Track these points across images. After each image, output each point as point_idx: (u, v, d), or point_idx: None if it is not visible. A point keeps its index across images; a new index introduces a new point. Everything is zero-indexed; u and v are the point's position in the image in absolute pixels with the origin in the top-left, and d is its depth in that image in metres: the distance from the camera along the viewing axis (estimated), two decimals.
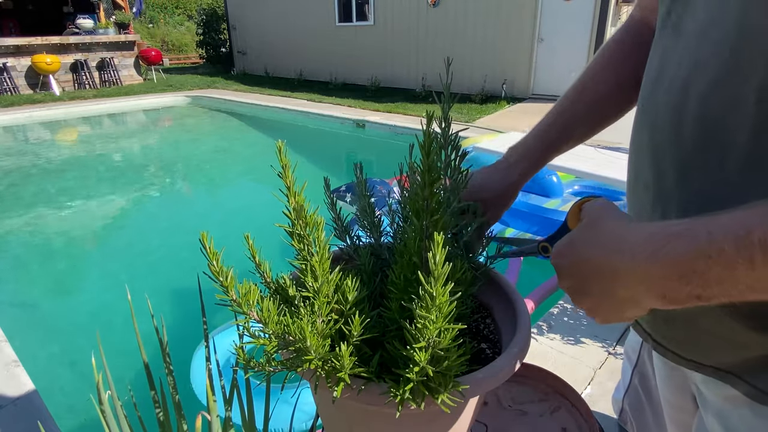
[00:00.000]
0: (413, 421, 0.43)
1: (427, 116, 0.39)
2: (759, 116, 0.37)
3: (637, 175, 0.54)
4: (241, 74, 14.36)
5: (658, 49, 0.51)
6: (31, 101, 9.63)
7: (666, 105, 0.47)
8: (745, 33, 0.38)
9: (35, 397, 1.69)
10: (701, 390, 0.54)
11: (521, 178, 0.67)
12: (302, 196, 0.41)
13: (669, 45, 0.49)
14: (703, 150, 0.42)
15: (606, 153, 4.12)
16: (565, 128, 0.68)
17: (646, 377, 0.76)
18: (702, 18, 0.43)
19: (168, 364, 0.86)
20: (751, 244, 0.30)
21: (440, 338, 0.36)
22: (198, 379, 1.95)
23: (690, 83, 0.43)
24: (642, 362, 0.77)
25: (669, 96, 0.46)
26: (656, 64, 0.51)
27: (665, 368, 0.64)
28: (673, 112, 0.45)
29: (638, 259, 0.36)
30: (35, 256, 3.80)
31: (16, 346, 2.00)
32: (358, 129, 7.79)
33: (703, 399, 0.54)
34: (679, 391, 0.62)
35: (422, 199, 0.39)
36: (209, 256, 0.38)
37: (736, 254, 0.30)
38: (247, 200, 5.20)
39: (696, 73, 0.43)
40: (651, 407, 0.77)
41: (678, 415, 0.65)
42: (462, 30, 9.44)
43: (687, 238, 0.34)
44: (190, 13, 23.59)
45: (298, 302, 0.42)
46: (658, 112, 0.48)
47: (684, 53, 0.45)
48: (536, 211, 3.34)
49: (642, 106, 0.53)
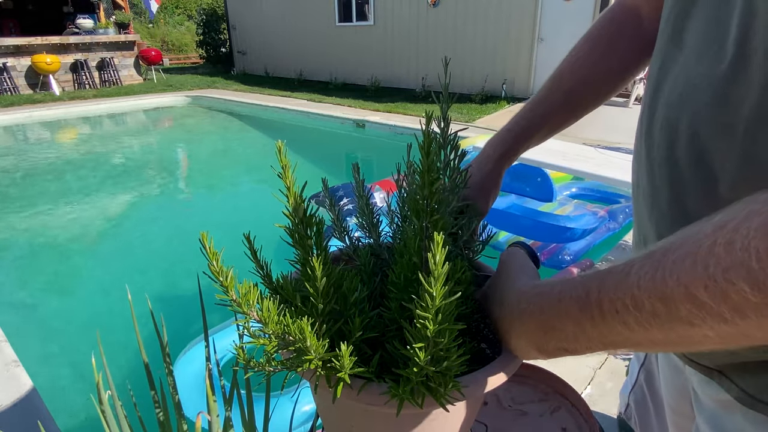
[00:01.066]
0: (413, 421, 0.43)
1: (427, 116, 0.39)
2: (745, 144, 0.37)
3: (638, 182, 0.54)
4: (241, 74, 14.36)
5: (659, 56, 0.50)
6: (31, 101, 9.63)
7: (663, 119, 0.46)
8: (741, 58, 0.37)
9: (35, 397, 1.69)
10: (697, 393, 0.54)
11: (497, 166, 0.66)
12: (302, 197, 0.41)
13: (669, 55, 0.48)
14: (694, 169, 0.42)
15: (606, 153, 4.11)
16: (542, 115, 0.67)
17: (652, 375, 0.76)
18: (701, 34, 0.43)
19: (168, 364, 0.86)
20: (589, 304, 0.33)
21: (440, 338, 0.36)
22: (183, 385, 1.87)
23: (685, 100, 0.43)
24: (649, 360, 0.77)
25: (666, 110, 0.46)
26: (656, 73, 0.50)
27: (668, 370, 0.63)
28: (669, 128, 0.45)
29: (513, 314, 0.41)
30: (35, 256, 3.80)
31: (16, 346, 2.00)
32: (358, 129, 7.79)
33: (698, 402, 0.54)
34: (679, 395, 0.62)
35: (422, 198, 0.39)
36: (209, 256, 0.38)
37: (580, 314, 0.33)
38: (247, 200, 5.20)
39: (691, 91, 0.42)
40: (655, 406, 0.77)
41: (679, 419, 0.65)
42: (462, 30, 9.44)
43: (546, 298, 0.37)
44: (190, 13, 23.60)
45: (298, 302, 0.42)
46: (655, 125, 0.48)
47: (682, 68, 0.45)
48: (529, 214, 3.32)
49: (644, 113, 0.52)
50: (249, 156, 7.10)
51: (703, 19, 0.43)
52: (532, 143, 0.69)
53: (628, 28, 0.65)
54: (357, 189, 0.58)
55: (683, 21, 0.45)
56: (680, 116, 0.43)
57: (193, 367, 1.99)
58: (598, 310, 0.32)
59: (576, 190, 4.10)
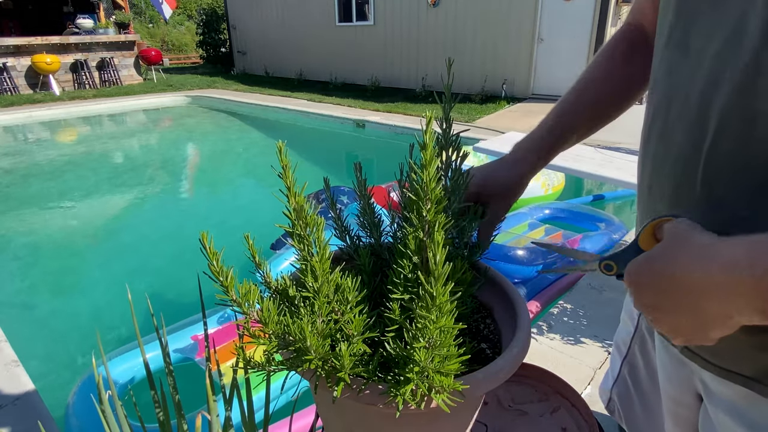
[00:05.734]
0: (413, 421, 0.43)
1: (428, 119, 0.39)
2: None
3: (650, 185, 0.55)
4: (241, 74, 14.36)
5: (664, 64, 0.53)
6: (31, 101, 9.63)
7: (683, 120, 0.48)
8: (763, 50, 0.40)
9: (35, 397, 1.69)
10: (709, 386, 0.54)
11: (530, 171, 0.69)
12: (302, 197, 0.41)
13: (676, 60, 0.51)
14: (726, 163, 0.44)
15: (606, 153, 4.11)
16: (569, 126, 0.71)
17: (636, 368, 0.79)
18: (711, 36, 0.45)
19: (168, 364, 0.86)
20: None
21: (440, 338, 0.36)
22: (81, 412, 1.71)
23: (707, 100, 0.45)
24: (632, 354, 0.79)
25: (686, 111, 0.48)
26: (664, 78, 0.53)
27: (671, 364, 0.65)
28: (693, 127, 0.47)
29: (739, 268, 0.35)
30: (35, 256, 3.80)
31: (16, 346, 2.00)
32: (358, 129, 7.79)
33: (710, 395, 0.55)
34: (682, 386, 0.63)
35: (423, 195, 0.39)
36: (209, 256, 0.38)
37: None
38: (247, 200, 5.20)
39: (712, 91, 0.44)
40: (639, 397, 0.80)
41: (678, 409, 0.66)
42: (462, 30, 9.44)
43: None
44: (190, 13, 23.60)
45: (298, 302, 0.42)
46: (674, 127, 0.50)
47: (695, 70, 0.47)
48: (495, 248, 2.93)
49: (656, 116, 0.54)
50: (249, 156, 7.10)
51: (709, 27, 0.46)
52: (557, 153, 0.72)
53: (639, 43, 0.70)
54: (358, 188, 0.58)
55: (688, 28, 0.49)
56: (704, 114, 0.45)
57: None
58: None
59: (549, 212, 3.71)
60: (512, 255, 2.68)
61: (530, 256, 2.76)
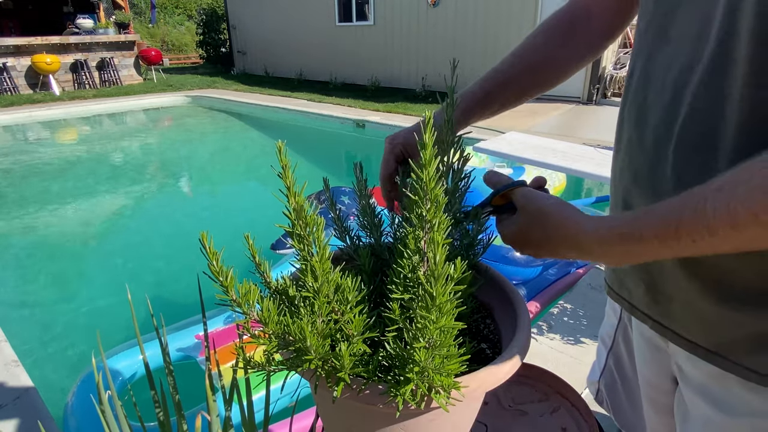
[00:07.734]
0: (413, 421, 0.43)
1: (428, 119, 0.39)
2: (743, 112, 0.42)
3: (622, 167, 0.58)
4: (241, 74, 14.36)
5: (642, 55, 0.56)
6: (31, 101, 9.62)
7: (658, 103, 0.51)
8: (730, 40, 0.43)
9: (35, 397, 1.69)
10: (683, 368, 0.57)
11: (460, 121, 0.69)
12: (302, 197, 0.41)
13: (654, 49, 0.53)
14: (695, 144, 0.46)
15: (606, 153, 4.11)
16: (494, 97, 0.71)
17: (620, 359, 0.81)
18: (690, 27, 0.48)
19: (168, 364, 0.86)
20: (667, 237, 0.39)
21: (440, 338, 0.36)
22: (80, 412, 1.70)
23: (682, 83, 0.48)
24: (617, 345, 0.81)
25: (660, 96, 0.51)
26: (642, 67, 0.55)
27: (648, 350, 0.67)
28: (666, 111, 0.50)
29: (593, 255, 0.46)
30: (35, 255, 3.80)
31: (16, 346, 2.00)
32: (358, 129, 7.79)
33: (684, 376, 0.58)
34: (659, 371, 0.65)
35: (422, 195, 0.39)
36: (209, 256, 0.38)
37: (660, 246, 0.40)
38: (247, 200, 5.20)
39: (687, 74, 0.48)
40: (624, 387, 0.82)
41: (655, 394, 0.69)
42: (462, 30, 9.45)
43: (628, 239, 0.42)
44: (190, 13, 23.60)
45: (298, 302, 0.42)
46: (649, 111, 0.53)
47: (673, 56, 0.50)
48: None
49: (632, 103, 0.57)
50: (249, 156, 7.10)
51: (688, 15, 0.49)
52: (486, 113, 0.72)
53: (580, 24, 0.71)
54: (358, 188, 0.58)
55: (668, 19, 0.51)
56: (678, 96, 0.48)
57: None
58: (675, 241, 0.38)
59: None
60: (511, 256, 2.70)
61: (529, 258, 2.78)
